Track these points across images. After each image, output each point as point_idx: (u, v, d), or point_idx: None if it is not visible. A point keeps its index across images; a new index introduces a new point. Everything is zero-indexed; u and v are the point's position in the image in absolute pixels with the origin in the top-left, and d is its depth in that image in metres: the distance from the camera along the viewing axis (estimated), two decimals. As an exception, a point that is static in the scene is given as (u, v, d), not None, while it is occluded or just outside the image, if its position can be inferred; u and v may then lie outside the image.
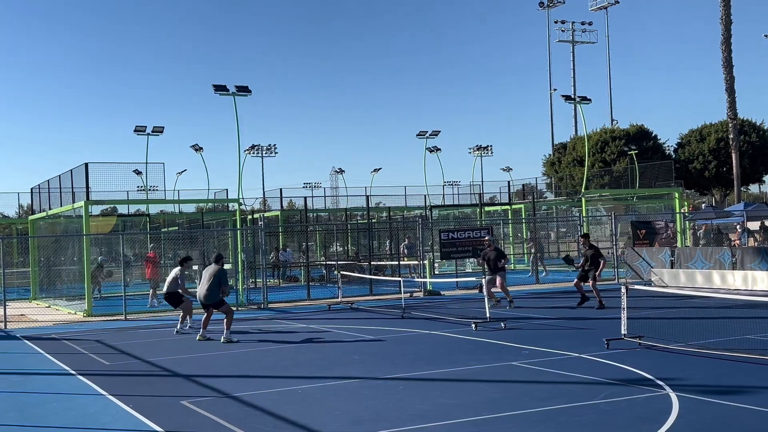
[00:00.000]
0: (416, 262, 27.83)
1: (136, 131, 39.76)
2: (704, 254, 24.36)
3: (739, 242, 31.21)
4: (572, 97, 42.74)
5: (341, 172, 73.02)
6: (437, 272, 33.70)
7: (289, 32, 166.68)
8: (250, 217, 38.04)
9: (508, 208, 42.17)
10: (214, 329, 16.50)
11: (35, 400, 10.88)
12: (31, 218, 32.67)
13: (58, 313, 24.47)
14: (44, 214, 29.56)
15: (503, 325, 16.19)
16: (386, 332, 16.45)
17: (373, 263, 28.99)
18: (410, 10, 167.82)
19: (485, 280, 19.92)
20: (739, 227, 32.55)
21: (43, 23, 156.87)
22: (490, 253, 20.62)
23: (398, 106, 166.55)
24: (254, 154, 78.31)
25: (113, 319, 21.80)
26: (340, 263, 29.23)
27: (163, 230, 37.77)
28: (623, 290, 13.52)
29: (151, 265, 25.82)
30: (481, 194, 44.76)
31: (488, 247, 21.02)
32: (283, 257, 34.51)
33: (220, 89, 27.24)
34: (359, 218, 39.76)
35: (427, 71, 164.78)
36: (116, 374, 12.68)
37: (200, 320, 16.69)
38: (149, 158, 38.95)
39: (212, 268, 16.33)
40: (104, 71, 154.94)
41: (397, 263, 29.22)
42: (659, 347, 12.76)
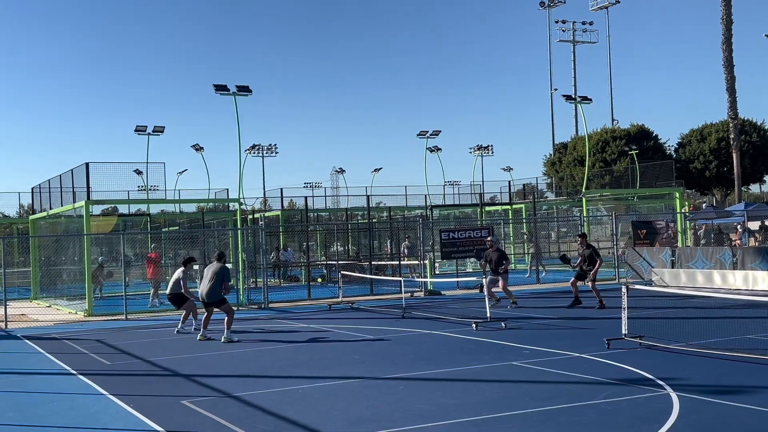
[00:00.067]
0: (417, 262, 27.83)
1: (136, 131, 39.81)
2: (705, 254, 24.35)
3: (739, 242, 31.20)
4: (573, 96, 42.71)
5: (342, 171, 73.14)
6: (438, 272, 33.71)
7: (289, 32, 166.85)
8: (250, 216, 38.08)
9: (508, 208, 42.15)
10: (214, 329, 16.51)
11: (36, 399, 10.88)
12: (31, 218, 32.70)
13: (58, 312, 24.48)
14: (45, 213, 29.57)
15: (504, 325, 16.19)
16: (387, 332, 16.45)
17: (373, 263, 28.99)
18: (410, 10, 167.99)
19: (486, 279, 19.93)
20: (739, 227, 32.55)
21: (43, 23, 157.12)
22: (492, 254, 20.59)
23: (399, 105, 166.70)
24: (255, 153, 78.31)
25: (114, 318, 21.81)
26: (340, 263, 29.22)
27: (163, 230, 37.78)
28: (624, 290, 13.51)
29: (152, 265, 25.82)
30: (481, 194, 44.78)
31: (490, 247, 20.99)
32: (283, 257, 34.52)
33: (220, 89, 27.25)
34: (360, 218, 39.74)
35: (427, 71, 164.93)
36: (117, 374, 12.68)
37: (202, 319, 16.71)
38: (150, 158, 39.07)
39: (215, 265, 16.36)
40: (104, 71, 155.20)
41: (397, 263, 29.21)
42: (660, 347, 12.75)
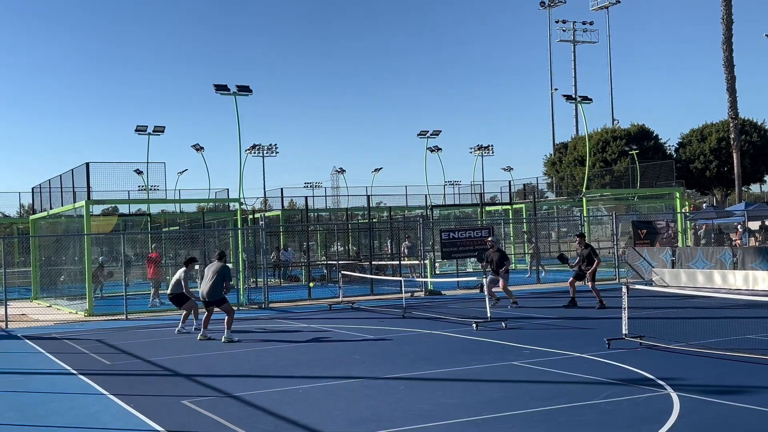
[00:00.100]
0: (417, 262, 27.82)
1: (137, 131, 39.81)
2: (705, 254, 24.35)
3: (740, 242, 31.19)
4: (573, 96, 42.71)
5: (342, 171, 73.14)
6: (438, 272, 33.71)
7: (289, 32, 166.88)
8: (251, 216, 38.10)
9: (509, 207, 42.14)
10: (214, 329, 16.51)
11: (36, 399, 10.88)
12: (32, 218, 32.71)
13: (59, 312, 24.48)
14: (45, 213, 29.58)
15: (504, 324, 16.20)
16: (387, 332, 16.45)
17: (374, 263, 28.99)
18: (410, 10, 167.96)
19: (486, 279, 19.93)
20: (740, 227, 32.54)
21: (43, 23, 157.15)
22: (493, 254, 20.58)
23: (399, 105, 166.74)
24: (255, 153, 78.32)
25: (114, 318, 21.81)
26: (341, 263, 29.22)
27: (164, 230, 37.77)
28: (624, 290, 13.51)
29: (153, 265, 25.84)
30: (482, 194, 44.78)
31: (491, 248, 20.98)
32: (284, 257, 34.52)
33: (221, 89, 27.24)
34: (360, 218, 39.76)
35: (427, 71, 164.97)
36: (117, 374, 12.68)
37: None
38: (150, 158, 39.06)
39: (215, 264, 16.39)
40: (105, 71, 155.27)
41: (398, 263, 29.22)
42: (660, 347, 12.75)
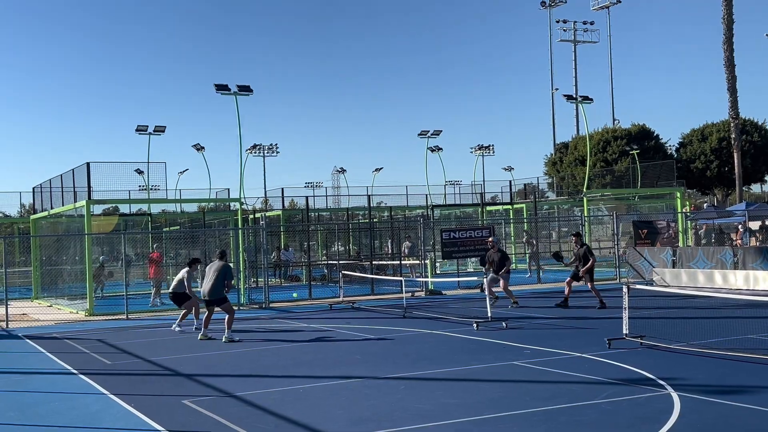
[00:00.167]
0: (418, 262, 27.81)
1: (137, 131, 39.82)
2: (706, 254, 24.33)
3: (740, 242, 31.17)
4: (574, 96, 42.72)
5: (343, 171, 73.19)
6: (438, 272, 33.71)
7: (289, 32, 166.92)
8: (251, 216, 38.10)
9: (509, 207, 42.13)
10: (215, 329, 16.51)
11: (37, 399, 10.88)
12: (32, 217, 32.72)
13: (59, 312, 24.49)
14: (46, 213, 29.59)
15: (505, 324, 16.19)
16: (388, 332, 16.45)
17: (374, 263, 28.98)
18: (410, 10, 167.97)
19: (487, 279, 19.92)
20: (740, 227, 32.52)
21: (43, 23, 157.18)
22: (494, 255, 20.58)
23: (399, 105, 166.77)
24: (256, 153, 78.31)
25: (115, 318, 21.82)
26: (341, 263, 29.23)
27: (164, 230, 37.79)
28: (625, 290, 13.50)
29: (154, 264, 25.85)
30: (482, 194, 44.73)
31: (492, 248, 20.98)
32: (284, 257, 34.53)
33: (221, 89, 27.24)
34: (361, 218, 39.75)
35: (428, 71, 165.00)
36: (118, 373, 12.68)
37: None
38: (151, 158, 39.07)
39: (217, 264, 16.41)
40: (105, 71, 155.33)
41: (398, 263, 29.21)
42: (661, 347, 12.75)
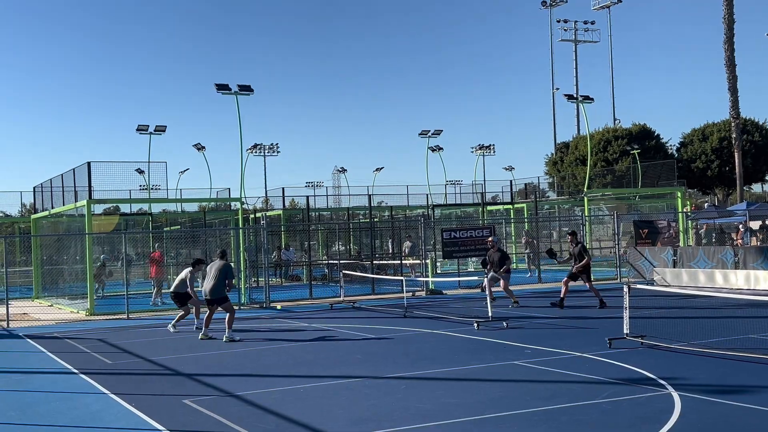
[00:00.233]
0: (418, 262, 27.81)
1: (138, 130, 39.83)
2: (707, 254, 24.32)
3: (741, 241, 31.16)
4: (575, 96, 42.70)
5: (343, 171, 73.05)
6: (439, 271, 33.72)
7: (289, 32, 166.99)
8: (252, 216, 38.10)
9: (510, 207, 42.12)
10: (216, 328, 16.52)
11: (37, 398, 10.90)
12: (33, 217, 32.74)
13: (60, 311, 24.50)
14: (47, 213, 29.60)
15: (505, 324, 16.19)
16: (388, 331, 16.45)
17: (375, 262, 28.98)
18: (410, 10, 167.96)
19: (487, 278, 19.92)
20: (741, 227, 32.51)
21: (43, 23, 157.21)
22: (494, 254, 20.61)
23: (400, 105, 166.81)
24: (256, 153, 78.37)
25: (115, 318, 21.82)
26: (342, 262, 29.23)
27: (165, 229, 37.79)
28: (626, 289, 13.50)
29: (155, 264, 25.88)
30: (483, 193, 44.70)
31: (492, 248, 20.99)
32: (285, 256, 34.53)
33: (222, 88, 27.22)
34: (361, 217, 39.74)
35: (428, 71, 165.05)
36: (118, 373, 12.68)
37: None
38: (151, 157, 39.05)
39: (218, 263, 16.44)
40: (106, 71, 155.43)
41: (399, 263, 29.21)
42: (662, 347, 12.74)
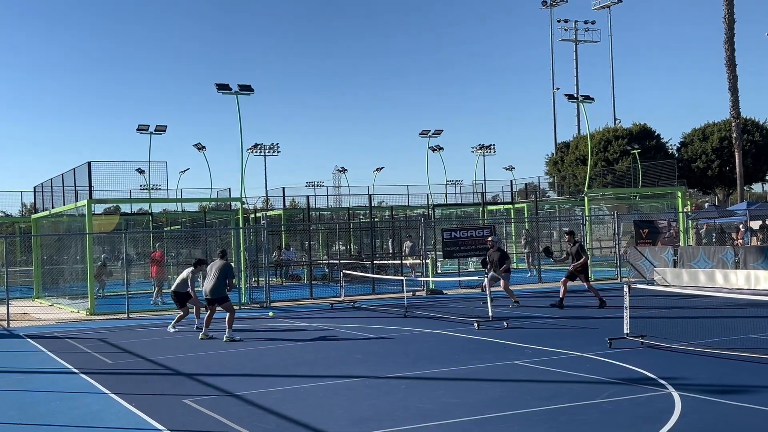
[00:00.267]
0: (418, 261, 27.81)
1: (138, 130, 39.82)
2: (707, 253, 24.32)
3: (742, 241, 31.16)
4: (575, 96, 42.66)
5: (344, 171, 73.00)
6: (439, 271, 33.73)
7: (289, 32, 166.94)
8: (252, 216, 38.10)
9: (510, 207, 42.11)
10: (216, 328, 16.52)
11: (38, 398, 10.90)
12: (34, 217, 32.74)
13: (60, 311, 24.51)
14: (47, 212, 29.60)
15: (506, 324, 16.20)
16: (389, 331, 16.45)
17: (375, 262, 28.99)
18: (410, 10, 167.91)
19: (488, 278, 19.92)
20: (741, 226, 32.51)
21: (43, 23, 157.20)
22: (493, 254, 20.63)
23: (400, 105, 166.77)
24: (257, 153, 78.36)
25: (116, 317, 21.83)
26: (342, 262, 29.23)
27: (165, 229, 37.79)
28: (626, 289, 13.50)
29: (156, 264, 25.89)
30: (483, 193, 44.69)
31: (491, 247, 21.01)
32: (285, 256, 34.53)
33: (223, 88, 27.21)
34: (362, 217, 39.74)
35: (428, 71, 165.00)
36: (119, 373, 12.69)
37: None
38: (152, 157, 39.08)
39: (218, 263, 16.45)
40: (106, 71, 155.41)
41: (399, 262, 29.21)
42: (662, 346, 12.74)
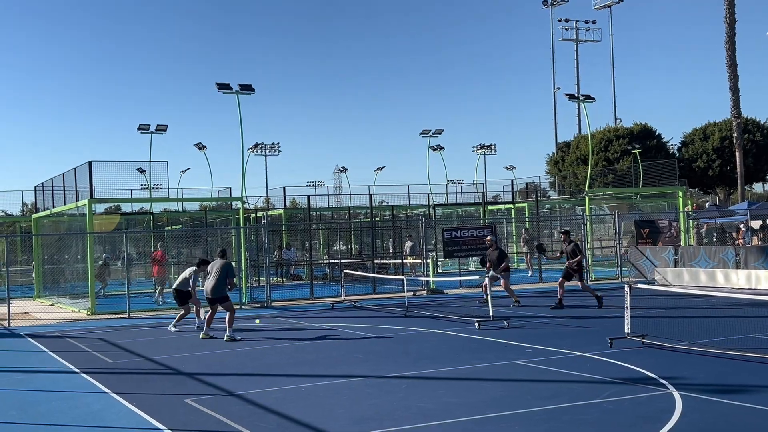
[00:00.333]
0: (419, 261, 27.81)
1: (139, 130, 39.81)
2: (708, 253, 24.32)
3: (743, 241, 31.16)
4: (576, 95, 42.57)
5: (344, 170, 72.95)
6: (440, 271, 33.74)
7: (289, 32, 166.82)
8: (253, 215, 38.11)
9: (511, 206, 42.11)
10: (217, 327, 16.53)
11: (38, 397, 10.90)
12: (34, 216, 32.74)
13: (61, 311, 24.51)
14: (48, 212, 29.62)
15: (506, 323, 16.20)
16: (389, 330, 16.45)
17: (376, 262, 28.98)
18: (410, 10, 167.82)
19: (488, 277, 19.93)
20: (742, 226, 32.51)
21: (43, 23, 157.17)
22: (492, 253, 20.66)
23: (401, 105, 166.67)
24: (257, 152, 78.32)
25: (117, 317, 21.84)
26: (343, 262, 29.24)
27: (166, 228, 37.79)
28: (627, 289, 13.50)
29: (157, 264, 25.90)
30: (484, 193, 44.65)
31: (490, 246, 21.03)
32: (286, 256, 34.53)
33: (223, 87, 27.22)
34: (362, 217, 39.74)
35: (429, 71, 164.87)
36: (120, 372, 12.69)
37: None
38: (153, 156, 39.18)
39: (219, 262, 16.45)
40: (106, 71, 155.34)
41: (400, 262, 29.21)
42: (663, 346, 12.74)
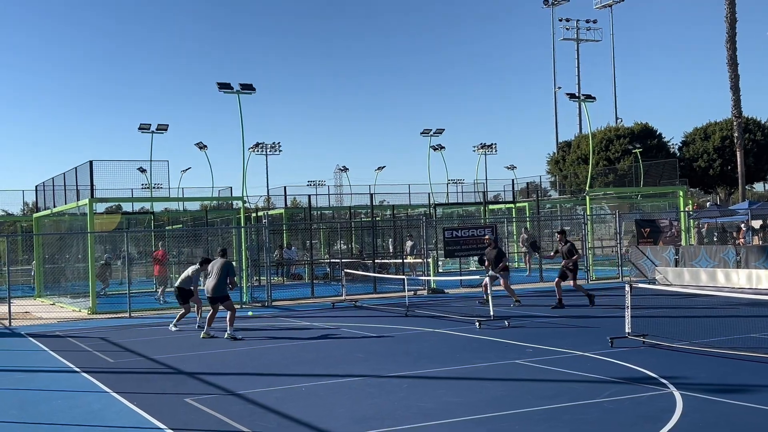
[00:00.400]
0: (420, 260, 27.82)
1: (140, 129, 39.80)
2: (709, 253, 24.31)
3: (743, 240, 31.15)
4: (577, 95, 42.55)
5: (345, 170, 72.97)
6: (441, 270, 33.74)
7: (290, 32, 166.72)
8: (254, 215, 38.10)
9: (512, 206, 42.11)
10: (218, 327, 16.53)
11: (39, 397, 10.91)
12: (35, 216, 32.76)
13: (62, 310, 24.52)
14: (49, 211, 29.63)
15: (507, 323, 16.20)
16: (390, 330, 16.45)
17: (377, 261, 28.99)
18: (410, 10, 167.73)
19: (488, 277, 19.94)
20: (743, 225, 32.50)
21: (44, 23, 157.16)
22: (490, 252, 20.66)
23: (401, 104, 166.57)
24: (258, 152, 78.30)
25: (117, 316, 21.84)
26: (344, 261, 29.23)
27: (167, 228, 37.80)
28: (627, 289, 13.50)
29: (158, 263, 25.91)
30: (485, 192, 44.65)
31: (489, 245, 21.03)
32: (287, 255, 34.53)
33: (224, 87, 27.22)
34: (363, 216, 39.73)
35: (429, 70, 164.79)
36: (120, 371, 12.69)
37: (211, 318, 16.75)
38: (153, 156, 39.22)
39: (219, 261, 16.45)
40: (107, 70, 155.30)
41: (400, 261, 29.19)
42: (663, 346, 12.74)
